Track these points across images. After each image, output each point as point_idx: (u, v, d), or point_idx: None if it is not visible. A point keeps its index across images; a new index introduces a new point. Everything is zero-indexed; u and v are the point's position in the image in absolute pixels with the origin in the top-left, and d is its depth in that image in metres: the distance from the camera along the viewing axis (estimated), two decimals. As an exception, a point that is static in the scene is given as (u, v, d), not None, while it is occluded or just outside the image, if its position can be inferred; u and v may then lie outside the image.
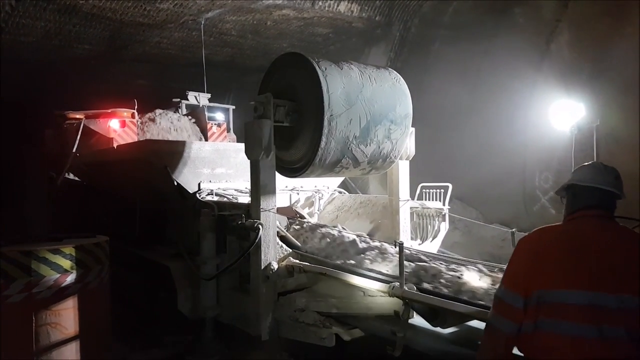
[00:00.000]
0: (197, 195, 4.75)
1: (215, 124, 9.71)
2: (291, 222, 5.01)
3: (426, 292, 3.01)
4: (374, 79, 4.16)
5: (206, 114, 9.51)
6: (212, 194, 4.86)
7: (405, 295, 2.92)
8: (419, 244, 5.12)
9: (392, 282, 3.05)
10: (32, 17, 8.54)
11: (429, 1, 9.39)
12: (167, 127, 8.83)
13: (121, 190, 6.53)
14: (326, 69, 3.88)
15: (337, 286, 3.44)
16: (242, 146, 3.95)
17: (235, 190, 5.11)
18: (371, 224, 5.37)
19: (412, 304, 2.95)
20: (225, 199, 4.85)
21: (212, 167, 5.10)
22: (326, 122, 3.79)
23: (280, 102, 3.93)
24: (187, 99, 9.85)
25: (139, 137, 8.39)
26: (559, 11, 7.71)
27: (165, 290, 4.70)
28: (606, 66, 6.94)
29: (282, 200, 5.41)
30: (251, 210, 3.92)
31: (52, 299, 3.42)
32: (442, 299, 2.86)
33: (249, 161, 3.91)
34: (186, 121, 9.23)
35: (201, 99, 9.94)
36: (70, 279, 3.50)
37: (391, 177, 5.04)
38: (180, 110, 9.70)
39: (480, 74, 8.69)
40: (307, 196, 5.92)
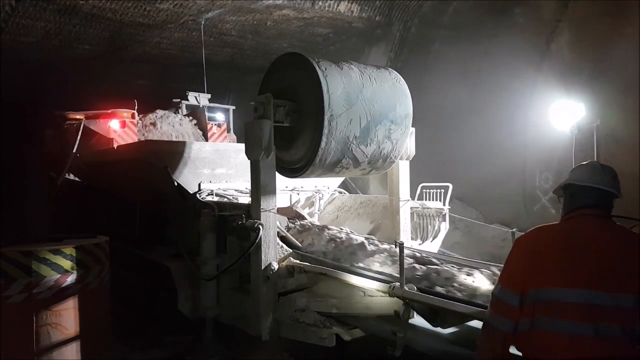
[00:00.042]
0: (198, 195, 4.76)
1: (215, 125, 9.72)
2: (301, 225, 4.91)
3: (426, 292, 3.00)
4: (374, 79, 4.16)
5: (206, 114, 9.53)
6: (212, 194, 4.86)
7: (405, 295, 2.92)
8: (419, 244, 5.12)
9: (392, 282, 3.06)
10: (32, 17, 8.53)
11: (429, 1, 9.39)
12: (169, 132, 8.83)
13: (121, 190, 6.53)
14: (326, 69, 3.88)
15: (338, 286, 3.45)
16: (242, 146, 3.96)
17: (235, 190, 5.12)
18: (371, 224, 5.37)
19: (412, 304, 2.95)
20: (225, 199, 4.85)
21: (213, 168, 5.10)
22: (326, 122, 3.79)
23: (280, 103, 3.93)
24: (187, 100, 9.87)
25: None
26: (559, 11, 7.71)
27: (165, 290, 4.70)
28: (606, 66, 6.93)
29: (283, 200, 5.40)
30: (251, 210, 3.92)
31: (52, 299, 3.43)
32: (442, 299, 2.87)
33: (249, 161, 3.92)
34: (188, 125, 9.22)
35: (201, 99, 9.96)
36: (70, 279, 3.50)
37: (391, 177, 5.04)
38: (180, 110, 9.71)
39: (480, 74, 8.69)
40: (308, 196, 5.92)
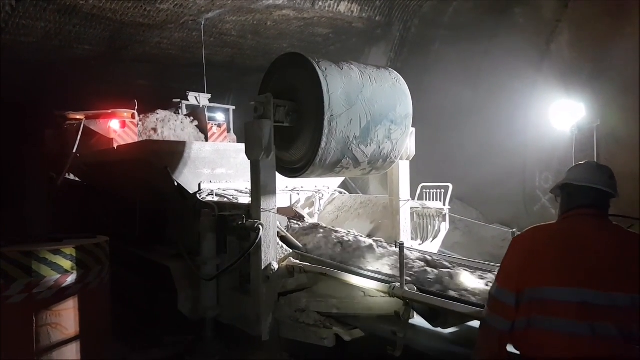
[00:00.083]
0: (198, 195, 4.75)
1: (215, 125, 9.72)
2: (307, 227, 4.87)
3: (426, 292, 3.00)
4: (374, 79, 4.16)
5: (206, 114, 9.53)
6: (212, 195, 4.86)
7: (405, 295, 2.92)
8: (419, 244, 5.12)
9: (392, 283, 3.06)
10: (33, 17, 8.53)
11: (429, 1, 9.38)
12: (169, 137, 8.82)
13: (121, 190, 6.53)
14: (326, 69, 3.88)
15: (338, 286, 3.44)
16: (243, 146, 3.95)
17: (235, 190, 5.12)
18: (371, 224, 5.37)
19: (412, 305, 2.95)
20: (225, 199, 4.85)
21: (213, 168, 5.10)
22: (326, 123, 3.79)
23: (280, 103, 3.93)
24: (188, 100, 9.87)
25: None
26: (559, 11, 7.70)
27: (165, 290, 4.69)
28: (606, 66, 6.93)
29: (283, 200, 5.40)
30: (251, 210, 3.92)
31: (52, 299, 3.43)
32: (443, 299, 2.86)
33: (249, 161, 3.91)
34: (189, 128, 9.22)
35: (201, 99, 9.96)
36: (70, 279, 3.50)
37: (391, 178, 5.04)
38: (180, 110, 9.71)
39: (480, 74, 8.68)
40: (308, 196, 5.92)
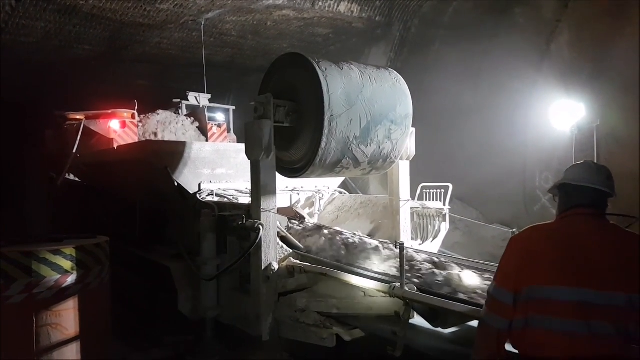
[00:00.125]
0: (198, 195, 4.75)
1: (215, 125, 9.72)
2: (311, 228, 4.83)
3: (427, 292, 3.01)
4: (374, 79, 4.16)
5: (206, 114, 9.52)
6: (212, 195, 4.86)
7: (405, 295, 2.92)
8: (420, 244, 5.12)
9: (392, 283, 3.06)
10: (33, 17, 8.53)
11: (429, 1, 9.39)
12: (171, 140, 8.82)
13: (121, 190, 6.53)
14: (326, 69, 3.88)
15: (338, 286, 3.44)
16: (243, 147, 3.95)
17: (235, 190, 5.12)
18: (372, 225, 5.37)
19: (412, 305, 2.95)
20: (225, 199, 4.84)
21: (213, 168, 5.10)
22: (326, 123, 3.79)
23: (280, 103, 3.93)
24: (188, 100, 9.87)
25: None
26: (559, 11, 7.70)
27: (165, 290, 4.69)
28: (606, 66, 6.93)
29: (283, 200, 5.40)
30: (252, 210, 3.92)
31: (52, 299, 3.43)
32: (443, 299, 2.87)
33: (250, 162, 3.91)
34: (190, 130, 9.21)
35: (201, 99, 9.95)
36: (70, 279, 3.50)
37: (391, 178, 5.04)
38: (180, 111, 9.71)
39: (480, 74, 8.68)
40: (308, 196, 5.92)
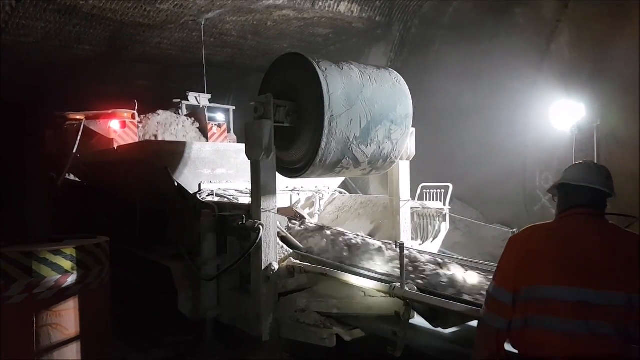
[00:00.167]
0: (198, 195, 4.75)
1: (215, 125, 9.72)
2: (312, 228, 4.82)
3: (427, 292, 3.01)
4: (374, 79, 4.16)
5: (206, 114, 9.52)
6: (212, 195, 4.86)
7: (405, 295, 2.92)
8: (420, 244, 5.12)
9: (392, 283, 3.06)
10: (33, 17, 8.53)
11: (429, 1, 9.39)
12: None
13: (121, 190, 6.53)
14: (326, 69, 3.88)
15: (338, 286, 3.44)
16: (243, 147, 3.95)
17: (235, 190, 5.12)
18: (372, 225, 5.37)
19: (412, 305, 2.95)
20: (225, 199, 4.84)
21: (213, 168, 5.10)
22: (327, 123, 3.79)
23: (280, 103, 3.93)
24: (188, 100, 9.87)
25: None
26: (559, 11, 7.70)
27: (165, 290, 4.69)
28: (606, 66, 6.93)
29: (283, 200, 5.40)
30: (252, 210, 3.92)
31: (52, 299, 3.43)
32: (443, 299, 2.86)
33: (250, 162, 3.91)
34: (191, 131, 9.21)
35: (201, 99, 9.95)
36: (70, 279, 3.50)
37: (392, 178, 5.04)
38: (180, 111, 9.71)
39: (480, 74, 8.68)
40: (308, 197, 5.92)
